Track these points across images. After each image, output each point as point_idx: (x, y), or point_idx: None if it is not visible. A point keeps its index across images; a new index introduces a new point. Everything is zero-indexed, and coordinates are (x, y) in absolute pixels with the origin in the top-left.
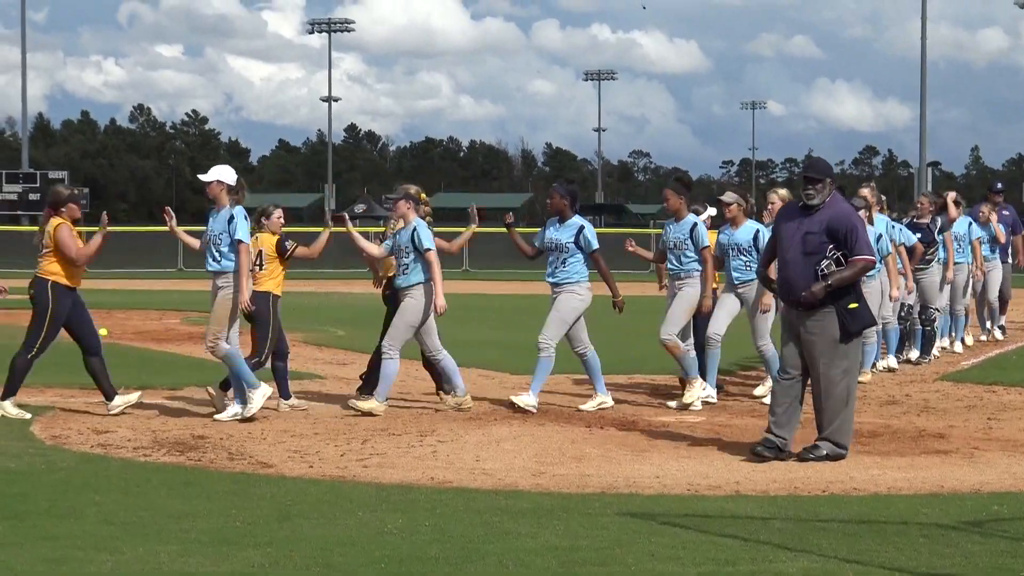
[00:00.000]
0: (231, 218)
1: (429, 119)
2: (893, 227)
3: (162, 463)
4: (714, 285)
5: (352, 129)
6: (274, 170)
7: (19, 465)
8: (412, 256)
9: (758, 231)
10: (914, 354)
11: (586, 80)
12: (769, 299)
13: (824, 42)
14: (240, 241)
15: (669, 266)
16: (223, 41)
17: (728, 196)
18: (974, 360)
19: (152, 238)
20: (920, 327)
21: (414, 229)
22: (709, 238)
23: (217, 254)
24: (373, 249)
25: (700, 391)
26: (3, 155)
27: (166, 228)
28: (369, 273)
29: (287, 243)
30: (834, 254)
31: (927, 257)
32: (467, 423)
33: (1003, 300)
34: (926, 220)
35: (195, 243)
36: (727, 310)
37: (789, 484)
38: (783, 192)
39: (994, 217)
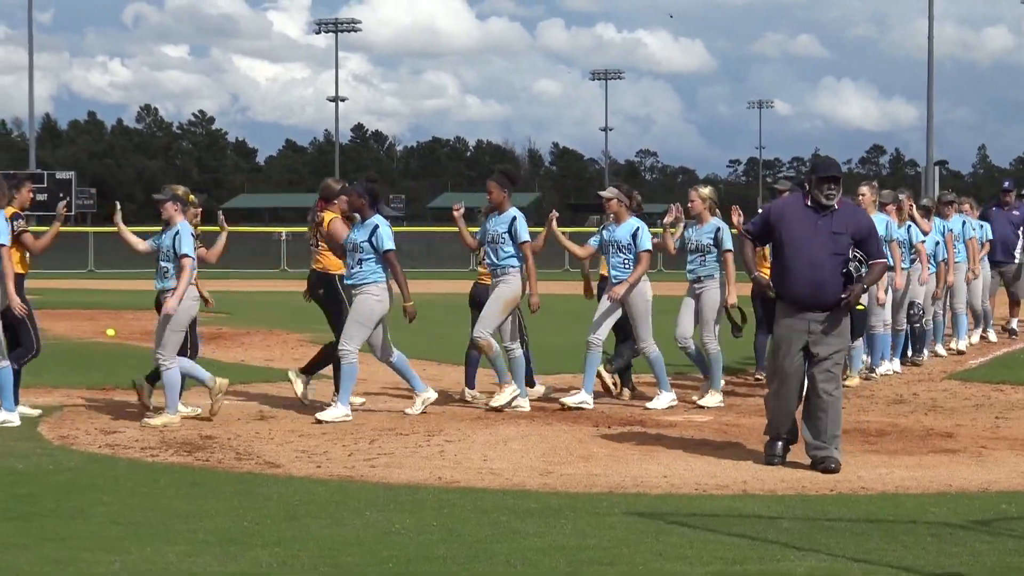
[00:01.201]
0: (177, 233)
1: (435, 119)
2: (888, 224)
3: (170, 463)
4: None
5: (359, 129)
6: (281, 170)
7: (26, 466)
8: (172, 260)
9: (638, 228)
10: (922, 355)
11: (593, 80)
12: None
13: (829, 41)
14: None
15: (487, 260)
16: (229, 41)
17: (608, 191)
18: (981, 359)
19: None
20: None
21: (176, 232)
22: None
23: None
24: (140, 244)
25: (507, 395)
26: (11, 156)
27: None
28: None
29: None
30: (855, 255)
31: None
32: (474, 423)
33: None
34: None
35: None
36: (603, 312)
37: (797, 483)
38: (705, 190)
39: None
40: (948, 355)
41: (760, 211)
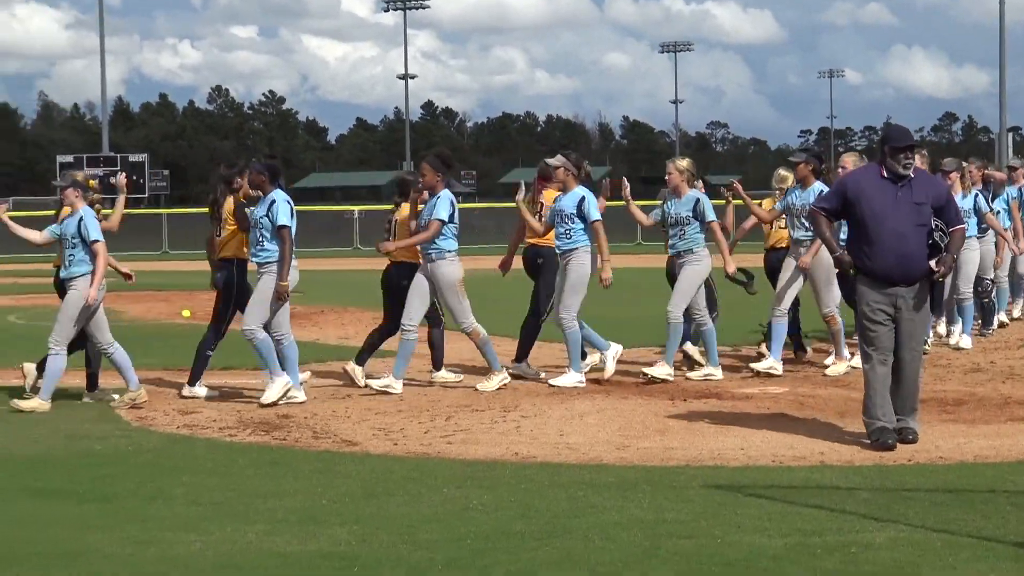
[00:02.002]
0: (81, 219)
1: (504, 94)
2: None
3: (248, 443)
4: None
5: (429, 106)
6: (352, 148)
7: (106, 447)
8: (78, 247)
9: (583, 198)
10: (991, 328)
11: (662, 52)
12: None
13: (899, 9)
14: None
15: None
16: (297, 21)
17: (556, 159)
18: None
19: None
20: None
21: (80, 218)
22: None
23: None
24: (35, 236)
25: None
26: (84, 139)
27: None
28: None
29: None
30: (937, 224)
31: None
32: (550, 398)
33: None
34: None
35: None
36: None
37: (874, 454)
38: (683, 163)
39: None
40: (1012, 323)
41: (830, 186)
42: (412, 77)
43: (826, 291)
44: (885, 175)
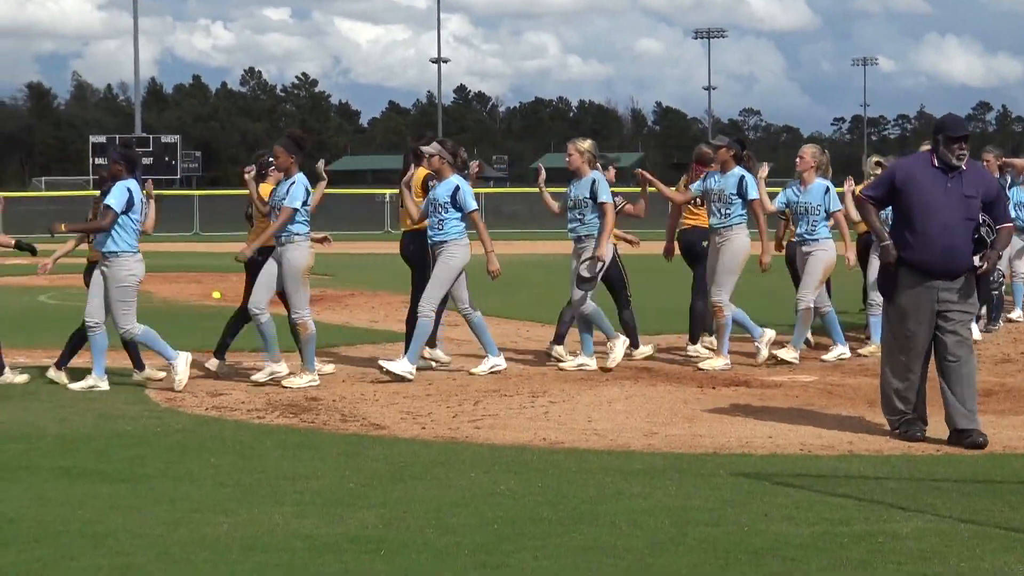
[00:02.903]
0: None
1: (537, 79)
2: None
3: (276, 425)
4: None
5: (462, 90)
6: (384, 132)
7: (135, 428)
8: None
9: (457, 187)
10: (997, 324)
11: (695, 38)
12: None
13: None
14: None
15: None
16: (329, 4)
17: (431, 147)
18: None
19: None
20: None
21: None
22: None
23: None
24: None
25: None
26: (117, 120)
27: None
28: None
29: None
30: (984, 219)
31: None
32: (579, 384)
33: None
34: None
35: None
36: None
37: (903, 444)
38: (585, 144)
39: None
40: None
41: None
42: (445, 61)
43: (727, 279)
44: (936, 165)
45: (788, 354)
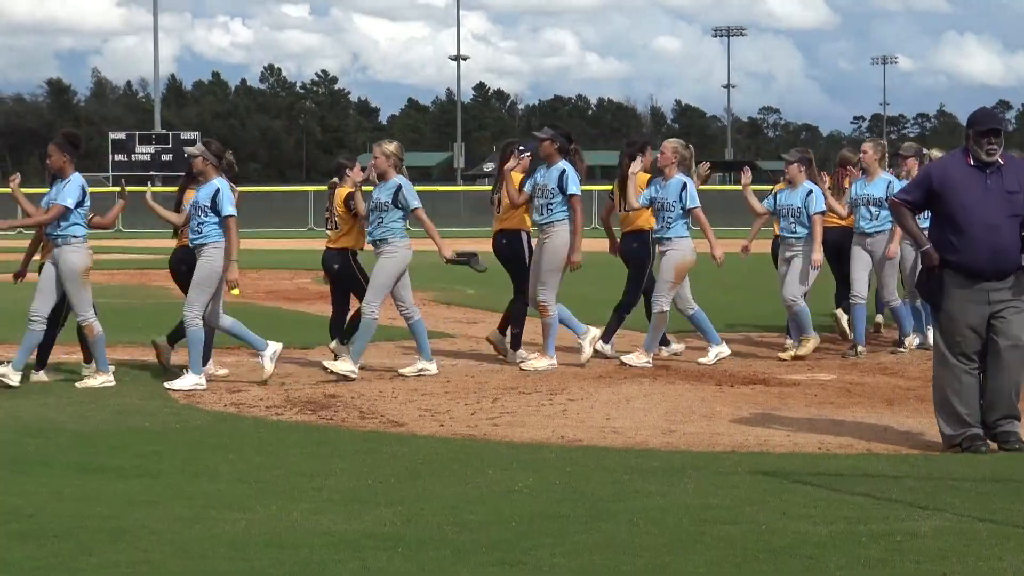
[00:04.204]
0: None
1: (556, 77)
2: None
3: (295, 422)
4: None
5: (481, 87)
6: (404, 129)
7: (153, 424)
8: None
9: (218, 190)
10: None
11: (714, 36)
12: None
13: None
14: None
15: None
16: (348, 1)
17: (195, 148)
18: None
19: (283, 198)
20: None
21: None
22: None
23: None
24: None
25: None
26: (136, 117)
27: (298, 188)
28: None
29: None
30: None
31: None
32: (597, 381)
33: None
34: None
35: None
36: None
37: (921, 442)
38: (390, 147)
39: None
40: None
41: (912, 177)
42: (464, 59)
43: (550, 278)
44: (972, 163)
45: (638, 359)
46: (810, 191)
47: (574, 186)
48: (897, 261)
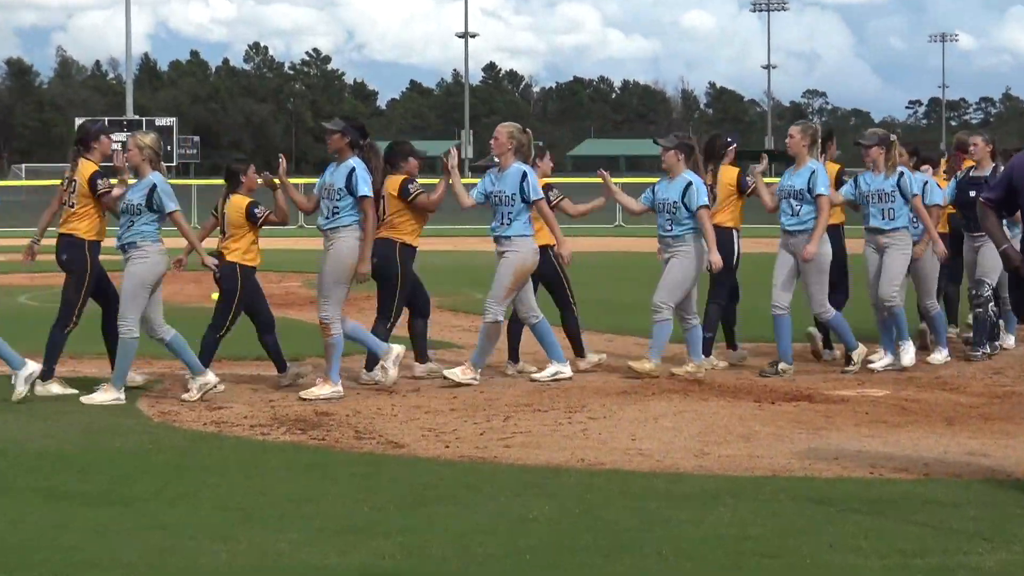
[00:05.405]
0: (352, 171)
1: (574, 56)
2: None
3: (282, 442)
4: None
5: (491, 68)
6: (405, 114)
7: (125, 444)
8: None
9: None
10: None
11: (752, 11)
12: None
13: None
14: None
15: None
16: None
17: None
18: None
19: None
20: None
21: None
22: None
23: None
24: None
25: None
26: (107, 100)
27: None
28: None
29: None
30: None
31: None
32: (621, 398)
33: None
34: (984, 172)
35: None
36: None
37: (984, 467)
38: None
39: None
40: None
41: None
42: (473, 36)
43: (335, 290)
44: None
45: (463, 375)
46: (902, 173)
47: (364, 187)
48: (825, 266)
